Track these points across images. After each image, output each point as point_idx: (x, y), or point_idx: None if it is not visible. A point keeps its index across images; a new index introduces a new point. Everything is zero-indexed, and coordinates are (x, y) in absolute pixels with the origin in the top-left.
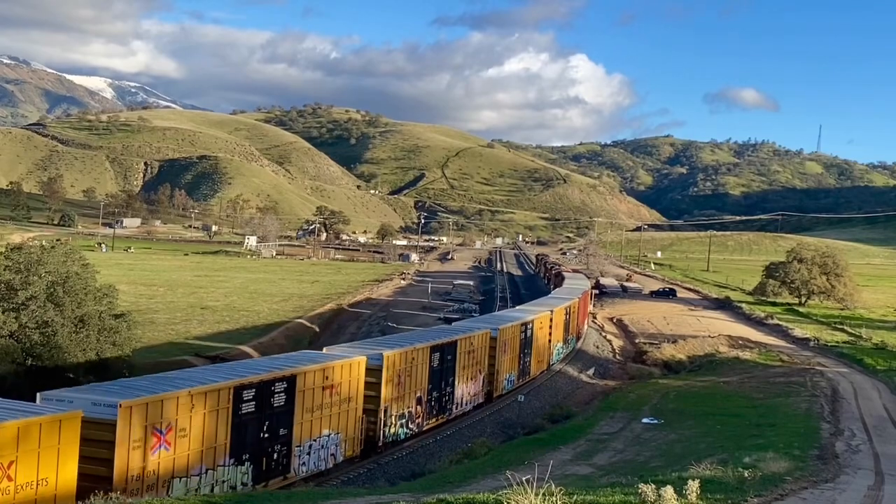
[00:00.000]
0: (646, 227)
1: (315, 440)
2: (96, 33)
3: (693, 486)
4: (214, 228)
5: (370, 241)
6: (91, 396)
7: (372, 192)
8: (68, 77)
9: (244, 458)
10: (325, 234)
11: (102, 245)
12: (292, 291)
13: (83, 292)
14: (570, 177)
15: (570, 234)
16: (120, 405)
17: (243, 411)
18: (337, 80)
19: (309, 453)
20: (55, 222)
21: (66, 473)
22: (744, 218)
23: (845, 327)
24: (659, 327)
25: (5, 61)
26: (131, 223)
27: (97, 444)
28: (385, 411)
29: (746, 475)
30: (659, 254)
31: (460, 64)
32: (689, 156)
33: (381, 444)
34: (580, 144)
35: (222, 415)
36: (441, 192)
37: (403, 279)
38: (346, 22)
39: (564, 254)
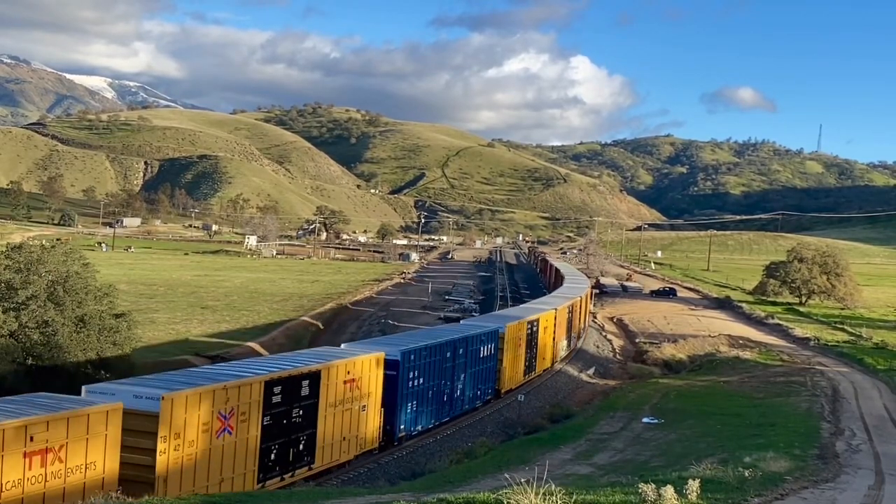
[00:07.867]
0: (646, 226)
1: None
2: (98, 34)
3: (693, 485)
4: (215, 228)
5: (370, 240)
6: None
7: (372, 191)
8: (68, 76)
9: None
10: (325, 234)
11: (103, 244)
12: (292, 291)
13: (83, 292)
14: (571, 176)
15: (571, 234)
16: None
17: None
18: (337, 79)
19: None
20: (55, 222)
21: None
22: (744, 217)
23: (846, 327)
24: (659, 327)
25: (6, 61)
26: (131, 223)
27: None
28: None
29: (747, 475)
30: (659, 253)
31: (460, 64)
32: (689, 155)
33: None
34: (580, 144)
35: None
36: (441, 191)
37: (403, 279)
38: (347, 21)
39: (565, 253)
